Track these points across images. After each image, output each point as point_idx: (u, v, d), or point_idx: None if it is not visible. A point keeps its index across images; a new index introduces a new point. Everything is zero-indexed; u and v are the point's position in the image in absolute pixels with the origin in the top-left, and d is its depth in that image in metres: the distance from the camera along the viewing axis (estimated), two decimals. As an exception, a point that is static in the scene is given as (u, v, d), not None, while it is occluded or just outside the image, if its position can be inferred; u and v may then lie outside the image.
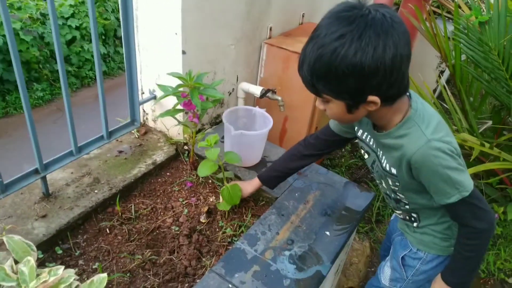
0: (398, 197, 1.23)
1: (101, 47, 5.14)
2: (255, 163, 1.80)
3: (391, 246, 1.60)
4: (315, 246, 1.42)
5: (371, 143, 1.20)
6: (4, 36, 4.01)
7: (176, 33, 1.63)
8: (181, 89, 1.52)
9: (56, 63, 4.70)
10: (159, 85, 1.56)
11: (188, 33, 1.65)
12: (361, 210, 1.61)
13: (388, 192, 1.27)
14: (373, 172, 1.28)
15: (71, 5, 4.80)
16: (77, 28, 4.79)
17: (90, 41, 5.05)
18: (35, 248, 1.00)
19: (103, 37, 5.21)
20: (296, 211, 1.56)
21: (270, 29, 2.18)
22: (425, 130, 1.01)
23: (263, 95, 2.01)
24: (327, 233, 1.48)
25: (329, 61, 0.87)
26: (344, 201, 1.64)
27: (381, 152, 1.16)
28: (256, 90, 2.03)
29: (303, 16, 2.51)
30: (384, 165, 1.15)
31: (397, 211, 1.33)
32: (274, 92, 2.03)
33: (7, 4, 3.76)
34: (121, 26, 1.54)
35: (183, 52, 1.67)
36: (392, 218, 1.63)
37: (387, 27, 0.86)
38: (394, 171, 1.12)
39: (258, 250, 1.37)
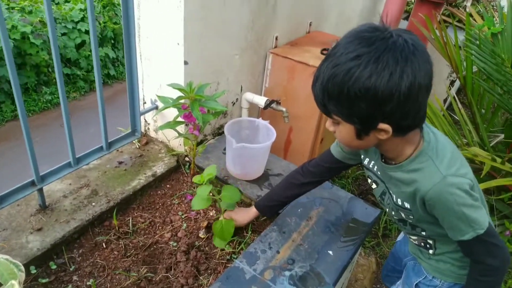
0: (413, 224, 1.18)
1: (110, 51, 5.16)
2: (258, 177, 1.75)
3: (395, 267, 1.54)
4: (317, 266, 1.37)
5: (379, 173, 1.14)
6: (14, 39, 4.04)
7: (178, 43, 1.60)
8: (182, 100, 1.49)
9: (65, 66, 4.73)
10: (159, 97, 1.53)
11: (191, 43, 1.61)
12: (366, 228, 1.56)
13: (402, 223, 1.21)
14: (383, 204, 1.21)
15: (81, 9, 4.82)
16: (86, 32, 4.80)
17: (100, 46, 5.06)
18: (23, 268, 0.96)
19: (112, 41, 5.22)
20: (298, 228, 1.51)
21: (276, 38, 2.14)
22: (440, 165, 0.96)
23: (267, 106, 1.96)
24: (330, 252, 1.43)
25: (342, 81, 0.83)
26: (348, 218, 1.59)
27: (388, 185, 1.11)
28: (260, 100, 1.99)
29: (310, 24, 2.47)
30: (395, 199, 1.10)
31: (412, 237, 1.26)
32: (278, 103, 1.98)
33: (18, 8, 3.72)
34: (123, 35, 1.51)
35: (185, 63, 1.63)
36: (399, 238, 1.56)
37: (408, 53, 0.81)
38: (407, 205, 1.07)
39: (257, 270, 1.33)
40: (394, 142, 0.96)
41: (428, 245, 1.21)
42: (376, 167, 1.15)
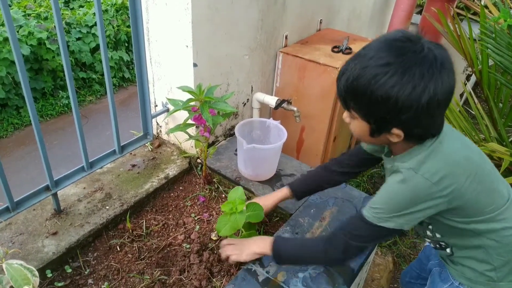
0: None
1: (124, 54, 5.21)
2: (270, 177, 1.74)
3: (421, 274, 1.50)
4: (330, 268, 1.35)
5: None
6: (31, 45, 4.12)
7: (187, 46, 1.60)
8: (192, 103, 1.49)
9: (80, 70, 4.80)
10: (169, 99, 1.53)
11: (200, 46, 1.62)
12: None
13: None
14: None
15: (95, 14, 4.88)
16: (100, 36, 4.86)
17: (114, 49, 5.12)
18: (37, 273, 0.98)
19: (126, 44, 5.27)
20: (311, 229, 1.50)
21: (286, 37, 2.13)
22: (421, 159, 0.96)
23: (278, 105, 1.95)
24: (343, 252, 1.41)
25: (367, 83, 0.87)
26: (362, 218, 1.57)
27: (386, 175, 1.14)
28: (271, 100, 1.98)
29: (320, 22, 2.44)
30: None
31: (427, 239, 1.23)
32: (289, 102, 1.97)
33: (35, 15, 3.78)
34: (132, 39, 1.52)
35: (195, 65, 1.64)
36: (426, 243, 1.53)
37: (434, 70, 0.85)
38: None
39: (270, 272, 1.32)
40: (402, 145, 1.00)
41: (443, 245, 1.18)
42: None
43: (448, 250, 1.18)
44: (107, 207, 1.54)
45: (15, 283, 0.91)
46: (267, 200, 1.48)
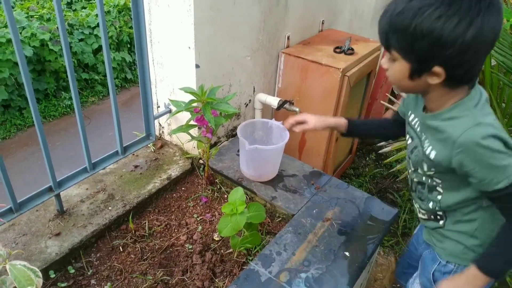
0: (431, 185, 1.14)
1: (126, 55, 5.23)
2: (272, 178, 1.74)
3: (411, 263, 1.51)
4: (333, 268, 1.35)
5: (416, 126, 1.14)
6: (34, 47, 4.14)
7: (189, 47, 1.60)
8: (194, 104, 1.49)
9: (83, 71, 4.81)
10: (171, 101, 1.54)
11: (202, 47, 1.62)
12: (383, 228, 1.54)
13: (420, 186, 1.18)
14: (410, 160, 1.19)
15: (97, 15, 4.90)
16: (103, 37, 4.87)
17: (116, 50, 5.14)
18: (40, 274, 0.98)
19: (129, 46, 5.29)
20: (314, 229, 1.50)
21: (288, 38, 2.13)
22: (477, 114, 0.94)
23: (280, 106, 1.95)
24: (347, 253, 1.41)
25: (412, 16, 0.86)
26: (365, 218, 1.57)
27: (425, 136, 1.08)
28: (273, 101, 1.98)
29: (322, 23, 2.44)
30: (425, 149, 1.07)
31: (422, 210, 1.23)
32: (291, 103, 1.97)
33: (37, 16, 3.80)
34: (135, 41, 1.52)
35: (197, 66, 1.64)
36: (415, 231, 1.53)
37: (482, 5, 0.83)
38: (432, 155, 1.04)
39: (273, 272, 1.32)
40: (440, 92, 0.98)
41: (438, 216, 1.18)
42: (416, 119, 1.14)
43: (441, 222, 1.17)
44: (109, 208, 1.55)
45: (18, 284, 0.91)
46: (318, 121, 1.38)
